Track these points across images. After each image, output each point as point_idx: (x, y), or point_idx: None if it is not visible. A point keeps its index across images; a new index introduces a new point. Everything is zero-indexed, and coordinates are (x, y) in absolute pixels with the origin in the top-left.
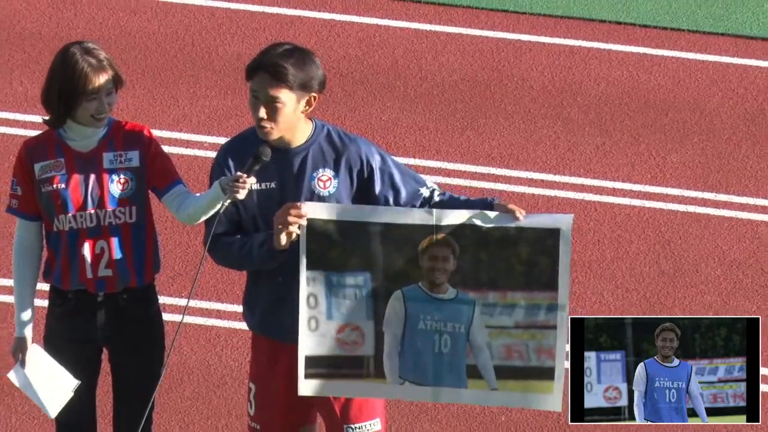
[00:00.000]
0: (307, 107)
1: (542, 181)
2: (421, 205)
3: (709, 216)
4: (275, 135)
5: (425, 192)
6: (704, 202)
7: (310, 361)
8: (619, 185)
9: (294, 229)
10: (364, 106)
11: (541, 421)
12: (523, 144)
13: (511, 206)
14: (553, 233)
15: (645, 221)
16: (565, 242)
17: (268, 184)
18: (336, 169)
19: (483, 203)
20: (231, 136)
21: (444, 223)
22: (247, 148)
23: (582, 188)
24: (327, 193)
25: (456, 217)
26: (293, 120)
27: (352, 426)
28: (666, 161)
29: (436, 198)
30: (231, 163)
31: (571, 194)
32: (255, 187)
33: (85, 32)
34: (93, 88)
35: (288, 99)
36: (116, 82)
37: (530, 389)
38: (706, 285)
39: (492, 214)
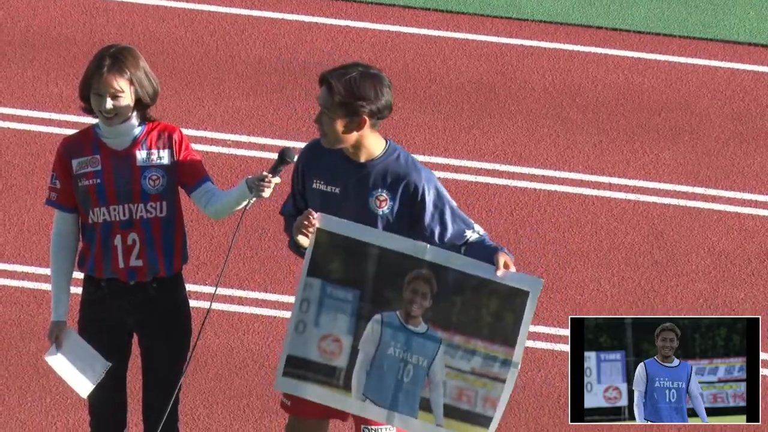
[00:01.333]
0: (358, 127)
1: (543, 176)
2: (463, 245)
3: (699, 209)
4: (328, 144)
5: (469, 235)
6: (695, 197)
7: (291, 360)
8: (615, 180)
9: (303, 236)
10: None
11: (546, 415)
12: (526, 142)
13: (501, 259)
14: (522, 294)
15: (639, 214)
16: (531, 304)
17: (333, 188)
18: (393, 192)
19: (492, 251)
20: (252, 134)
21: (434, 261)
22: (321, 150)
23: (580, 183)
24: (381, 212)
25: (445, 257)
26: (342, 135)
27: (369, 428)
28: (659, 158)
29: (472, 239)
30: (306, 159)
31: (570, 189)
32: (321, 188)
33: (117, 38)
34: (98, 85)
35: (334, 114)
36: (138, 96)
37: None
38: (696, 274)
39: (476, 262)
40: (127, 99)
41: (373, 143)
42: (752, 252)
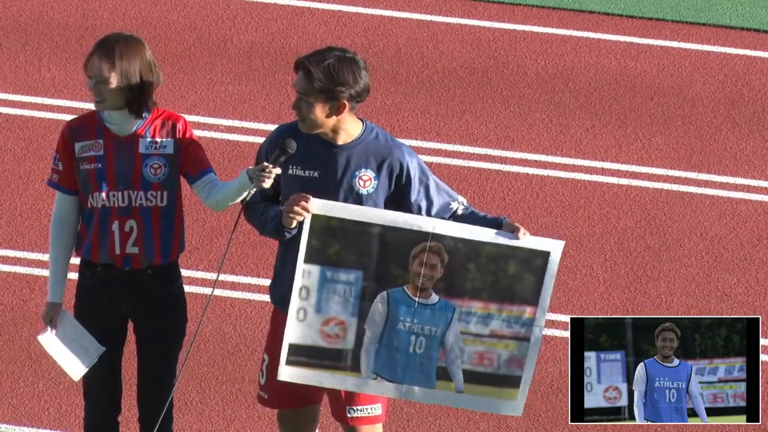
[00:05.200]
0: (338, 111)
1: (536, 161)
2: (450, 218)
3: (691, 194)
4: (306, 129)
5: (455, 206)
6: (687, 181)
7: (293, 348)
8: (607, 165)
9: (298, 218)
10: (370, 91)
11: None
12: (518, 127)
13: (517, 225)
14: (543, 255)
15: (632, 199)
16: (552, 265)
17: (311, 172)
18: (377, 171)
19: (494, 221)
20: (244, 119)
21: (439, 232)
22: (295, 135)
23: (573, 168)
24: (366, 192)
25: (452, 228)
26: (322, 120)
27: (354, 408)
28: (651, 143)
29: (460, 212)
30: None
31: (563, 174)
32: (299, 173)
33: (110, 22)
34: (88, 68)
35: (314, 100)
36: (126, 86)
37: (495, 395)
38: (689, 259)
39: (489, 231)
40: (112, 87)
41: (351, 126)
42: (744, 237)
